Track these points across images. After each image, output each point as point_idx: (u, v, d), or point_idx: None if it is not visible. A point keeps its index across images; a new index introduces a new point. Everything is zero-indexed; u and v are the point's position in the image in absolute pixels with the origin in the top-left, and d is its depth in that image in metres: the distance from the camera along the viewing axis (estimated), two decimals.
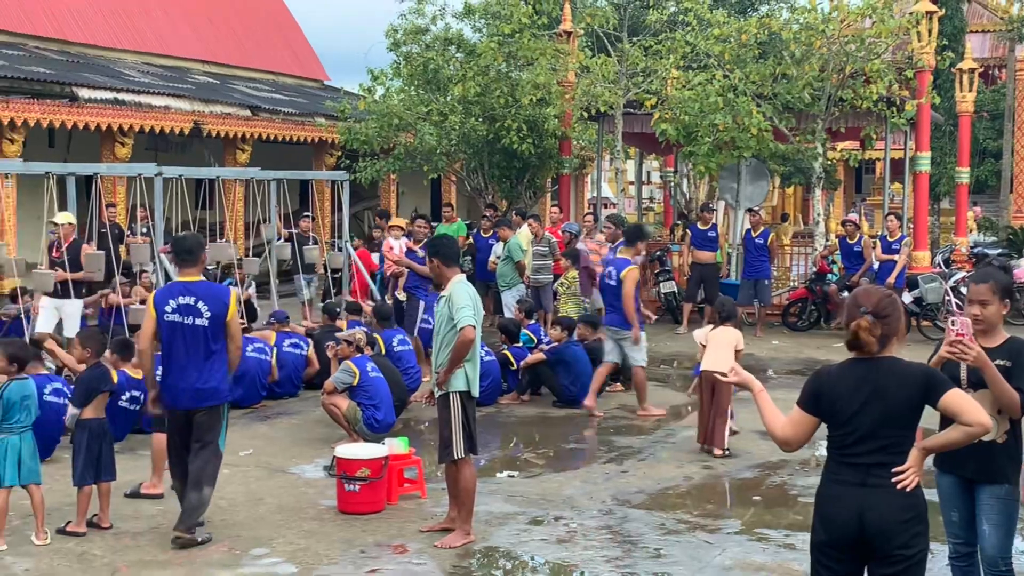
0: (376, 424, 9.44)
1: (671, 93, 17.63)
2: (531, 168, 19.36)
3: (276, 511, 7.70)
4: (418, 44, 19.54)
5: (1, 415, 6.83)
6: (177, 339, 6.94)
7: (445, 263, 7.11)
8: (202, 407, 6.95)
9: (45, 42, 22.11)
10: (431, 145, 18.47)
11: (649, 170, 42.79)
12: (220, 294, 7.10)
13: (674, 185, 25.05)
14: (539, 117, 18.32)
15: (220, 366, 6.99)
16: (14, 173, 14.54)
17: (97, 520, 7.21)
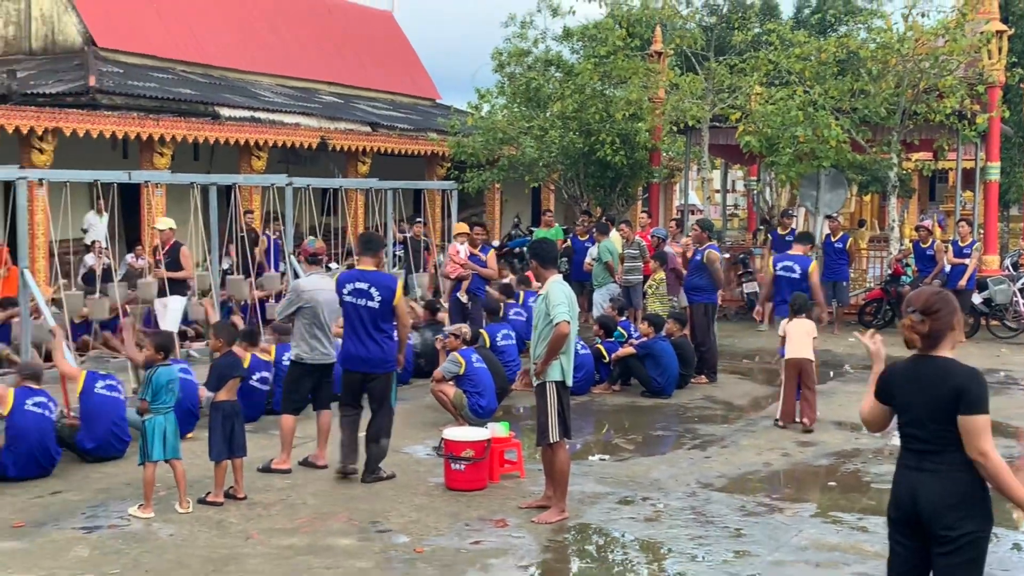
0: (480, 410, 9.50)
1: (754, 108, 17.39)
2: (623, 178, 19.27)
3: (390, 486, 7.78)
4: (521, 65, 19.60)
5: (151, 397, 7.04)
6: (352, 316, 7.71)
7: (543, 264, 7.14)
8: (373, 373, 7.72)
9: (191, 66, 22.72)
10: (532, 157, 18.52)
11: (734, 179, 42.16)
12: (389, 282, 7.76)
13: (757, 193, 24.68)
14: (631, 131, 18.23)
15: (388, 341, 7.73)
16: (164, 183, 15.01)
17: (233, 491, 7.38)
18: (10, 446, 7.72)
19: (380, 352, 7.72)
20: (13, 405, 7.83)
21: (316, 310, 8.10)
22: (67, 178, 10.77)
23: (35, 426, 7.83)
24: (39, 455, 7.84)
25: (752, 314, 14.23)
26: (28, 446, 7.76)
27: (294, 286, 8.39)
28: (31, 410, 7.85)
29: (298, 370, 8.19)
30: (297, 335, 8.17)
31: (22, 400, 7.88)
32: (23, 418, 7.80)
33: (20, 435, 7.75)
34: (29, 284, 9.65)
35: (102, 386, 8.47)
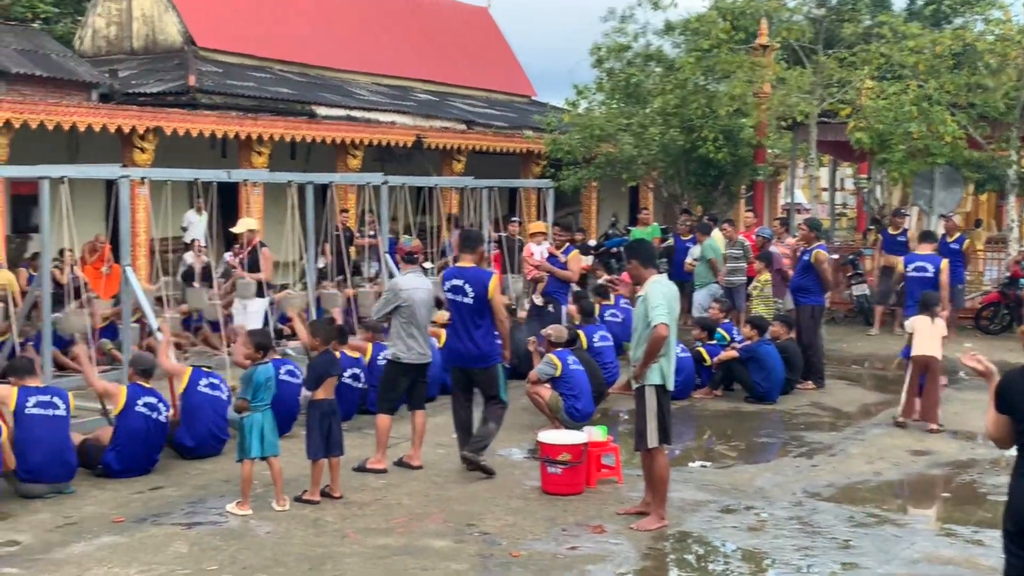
0: (576, 413, 9.49)
1: (865, 103, 17.04)
2: (726, 175, 19.06)
3: (486, 489, 7.84)
4: (620, 60, 19.53)
5: (249, 394, 7.22)
6: (453, 313, 8.10)
7: (643, 264, 7.11)
8: (477, 367, 8.05)
9: (288, 66, 23.20)
10: (631, 154, 18.45)
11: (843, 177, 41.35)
12: (483, 278, 8.01)
13: (867, 191, 24.15)
14: (735, 127, 18.03)
15: (487, 335, 8.03)
16: (262, 182, 15.36)
17: (329, 490, 7.51)
18: (116, 445, 7.97)
19: (479, 347, 8.00)
20: (125, 405, 8.06)
21: (413, 309, 8.21)
22: (168, 177, 11.10)
23: (143, 427, 8.06)
24: (144, 455, 8.09)
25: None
26: (134, 447, 8.00)
27: (391, 285, 8.51)
28: (141, 411, 8.06)
29: (394, 369, 8.31)
30: (394, 334, 8.29)
31: (133, 400, 8.09)
32: (133, 419, 8.03)
33: (129, 436, 7.98)
34: (131, 282, 9.96)
35: (205, 384, 8.68)
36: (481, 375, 8.12)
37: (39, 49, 18.66)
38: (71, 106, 15.29)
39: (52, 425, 7.60)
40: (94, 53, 22.26)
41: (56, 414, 7.66)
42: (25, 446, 7.43)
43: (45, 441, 7.50)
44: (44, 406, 7.63)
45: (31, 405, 7.56)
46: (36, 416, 7.55)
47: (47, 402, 7.67)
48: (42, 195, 9.50)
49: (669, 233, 18.56)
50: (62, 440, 7.64)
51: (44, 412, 7.60)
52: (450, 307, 8.14)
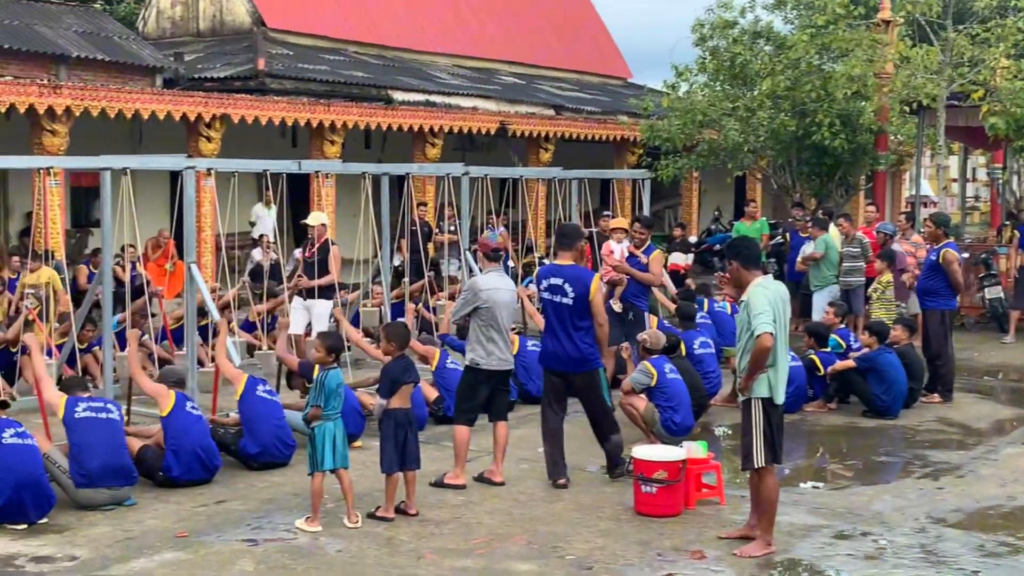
0: (674, 426, 9.43)
1: (1001, 84, 16.62)
2: (843, 165, 18.74)
3: (574, 508, 7.83)
4: (725, 38, 19.32)
5: (321, 402, 7.32)
6: (550, 313, 8.21)
7: (745, 266, 7.00)
8: (574, 372, 8.18)
9: (363, 47, 23.49)
10: (736, 142, 18.25)
11: (974, 166, 40.41)
12: (584, 277, 8.13)
13: (1002, 183, 23.54)
14: (853, 111, 17.73)
15: (587, 338, 8.14)
16: (334, 173, 15.58)
17: (404, 507, 7.58)
18: (172, 448, 8.21)
19: (578, 350, 8.14)
20: (173, 407, 8.30)
21: (494, 311, 8.24)
22: (235, 168, 11.32)
23: (194, 427, 8.31)
24: (203, 455, 8.29)
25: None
26: (191, 447, 8.24)
27: (470, 284, 8.55)
28: (190, 412, 8.37)
29: (473, 376, 8.35)
30: (472, 338, 8.33)
31: (182, 403, 8.38)
32: (183, 421, 8.29)
33: (181, 436, 8.23)
34: (196, 280, 10.18)
35: (263, 390, 8.87)
36: (580, 380, 8.24)
37: (101, 31, 19.19)
38: (134, 92, 15.70)
39: (105, 428, 7.87)
40: (158, 35, 22.83)
41: (110, 417, 7.95)
42: (80, 451, 7.68)
43: (100, 444, 7.76)
44: (96, 410, 7.93)
45: (81, 410, 7.85)
46: (88, 420, 7.82)
47: (99, 407, 7.98)
48: (103, 187, 9.77)
49: (779, 229, 18.34)
50: (117, 443, 7.89)
51: (96, 416, 7.87)
52: (546, 308, 8.27)
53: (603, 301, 9.00)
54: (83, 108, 14.75)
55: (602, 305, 8.30)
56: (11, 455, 7.28)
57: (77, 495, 7.68)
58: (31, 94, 14.20)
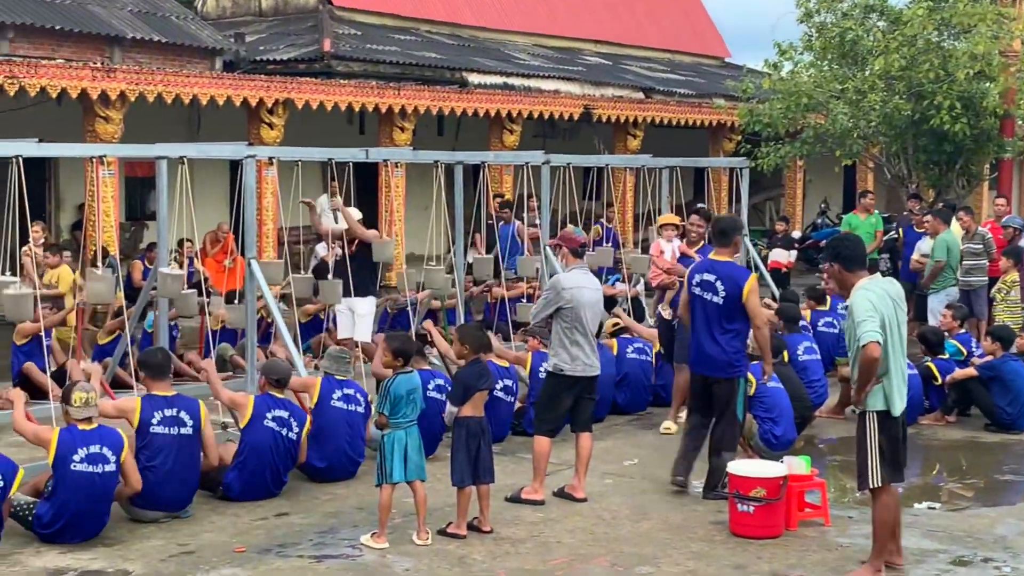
0: (774, 440, 9.35)
1: None
2: (964, 152, 18.41)
3: (662, 528, 7.82)
4: (834, 13, 19.10)
5: (389, 409, 7.38)
6: (698, 311, 8.39)
7: (847, 267, 6.91)
8: (717, 376, 8.31)
9: (437, 26, 23.62)
10: (845, 127, 18.01)
11: None
12: (738, 276, 8.28)
13: None
14: (976, 93, 17.40)
15: (735, 342, 8.32)
16: (404, 162, 15.69)
17: (477, 523, 7.62)
18: (240, 464, 8.25)
19: (723, 354, 8.30)
20: (251, 418, 8.30)
21: (578, 312, 8.24)
22: (299, 156, 11.46)
23: (271, 445, 8.28)
24: (270, 478, 8.34)
25: None
26: (260, 468, 8.24)
27: (552, 283, 8.57)
28: (269, 426, 8.30)
29: (556, 383, 8.36)
30: (555, 341, 8.34)
31: (262, 412, 8.33)
32: (260, 435, 8.27)
33: (253, 453, 8.24)
34: (257, 277, 10.33)
35: (339, 397, 8.88)
36: (719, 386, 8.37)
37: (157, 11, 19.53)
38: (192, 76, 15.95)
39: (178, 447, 7.83)
40: (218, 15, 23.20)
41: (183, 432, 7.85)
42: (146, 470, 7.70)
43: (168, 464, 7.76)
44: (170, 424, 7.81)
45: (156, 422, 7.78)
46: (159, 436, 7.77)
47: (173, 418, 7.84)
48: (159, 177, 9.95)
49: (893, 223, 18.07)
50: (188, 464, 7.89)
51: (169, 431, 7.79)
52: (694, 305, 8.42)
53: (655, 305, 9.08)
54: (138, 93, 15.01)
55: (759, 307, 8.45)
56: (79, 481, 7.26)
57: (130, 510, 7.81)
58: (83, 78, 14.49)
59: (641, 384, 11.33)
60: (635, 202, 20.38)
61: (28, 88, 13.93)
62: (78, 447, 7.28)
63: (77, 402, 7.37)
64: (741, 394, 8.46)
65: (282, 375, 8.60)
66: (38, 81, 13.95)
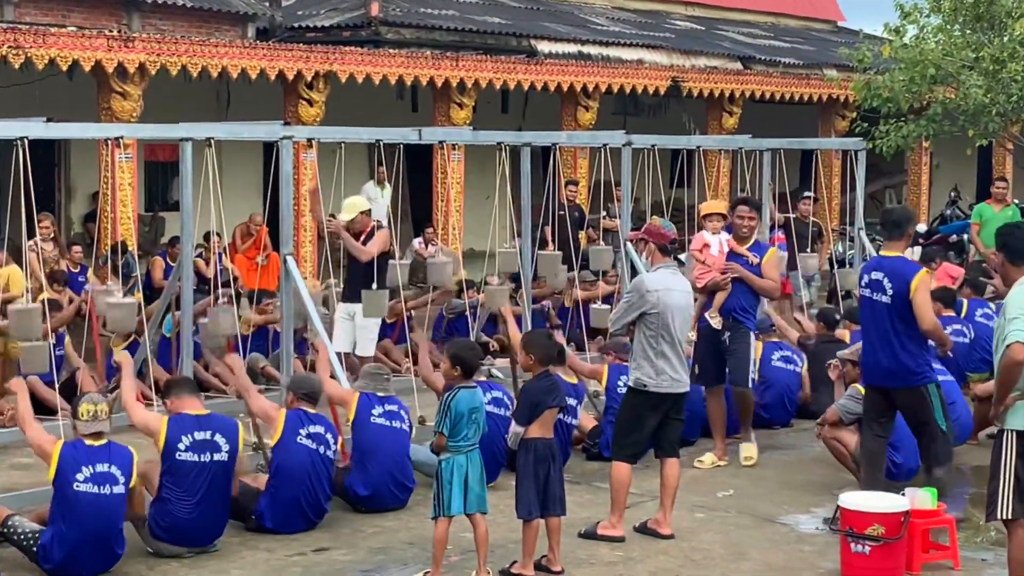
0: (894, 469, 9.26)
1: None
2: None
3: (762, 569, 7.79)
4: None
5: (448, 429, 7.39)
6: (867, 315, 8.58)
7: (1012, 259, 6.89)
8: (898, 386, 8.46)
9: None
10: (979, 102, 17.79)
11: None
12: (904, 271, 8.41)
13: None
14: None
15: (911, 345, 8.41)
16: (463, 144, 15.75)
17: (547, 562, 7.61)
18: (271, 489, 8.29)
19: (897, 360, 8.41)
20: (282, 435, 8.34)
21: (665, 318, 8.21)
22: (342, 137, 11.50)
23: (306, 466, 8.29)
24: (307, 505, 8.36)
25: None
26: (295, 492, 8.28)
27: (634, 285, 8.54)
28: (303, 443, 8.31)
29: (638, 401, 8.34)
30: (638, 352, 8.32)
31: (295, 428, 8.35)
32: (293, 454, 8.29)
33: (286, 475, 8.26)
34: (293, 276, 10.39)
35: (380, 413, 8.90)
36: (903, 397, 8.49)
37: None
38: (221, 45, 16.10)
39: (210, 475, 7.86)
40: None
41: (216, 459, 7.88)
42: (171, 500, 7.79)
43: (196, 495, 7.81)
44: (200, 449, 7.83)
45: (183, 448, 7.81)
46: (187, 464, 7.81)
47: (205, 442, 7.85)
48: (183, 162, 10.04)
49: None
50: (220, 495, 7.96)
51: (199, 458, 7.82)
52: (863, 309, 8.67)
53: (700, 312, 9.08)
54: (159, 65, 15.18)
55: (928, 306, 8.45)
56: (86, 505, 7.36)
57: (151, 544, 7.89)
58: (98, 48, 14.65)
59: (787, 396, 11.53)
60: (730, 190, 20.29)
61: (35, 60, 14.13)
62: (82, 465, 7.35)
63: (84, 415, 7.45)
64: (937, 402, 8.52)
65: (312, 389, 8.67)
66: (46, 51, 14.14)
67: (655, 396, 8.27)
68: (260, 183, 17.25)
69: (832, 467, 9.77)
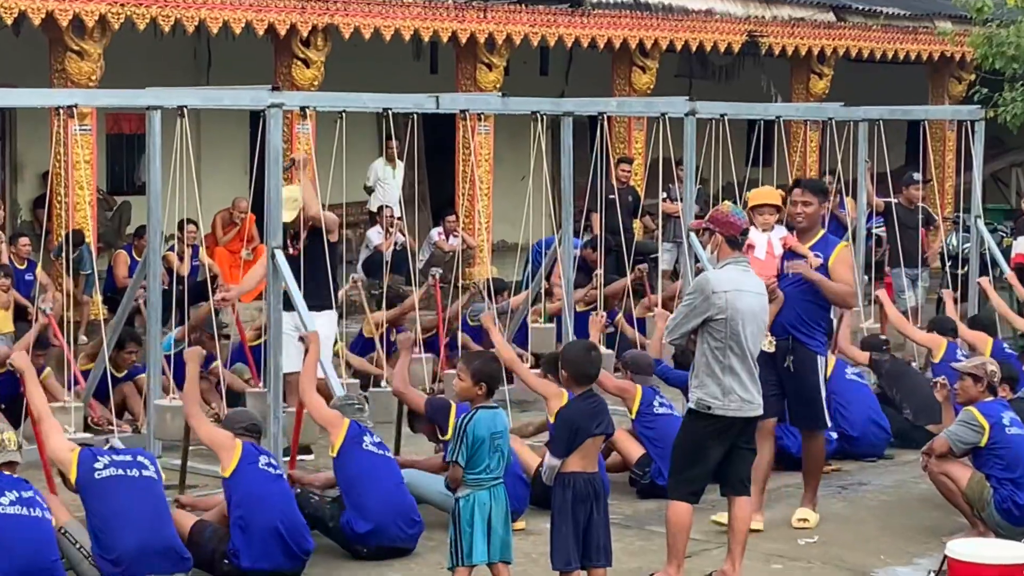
0: (1016, 511, 9.24)
1: None
2: None
3: None
4: None
5: (465, 458, 7.42)
6: None
7: None
8: None
9: None
10: None
11: None
12: None
13: None
14: None
15: None
16: (491, 113, 15.73)
17: None
18: (239, 521, 8.41)
19: None
20: (240, 459, 8.48)
21: (734, 326, 8.18)
22: (344, 105, 11.50)
23: (273, 490, 8.48)
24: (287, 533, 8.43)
25: None
26: (269, 518, 8.39)
27: (697, 285, 8.51)
28: (264, 470, 8.51)
29: (700, 427, 8.32)
30: (700, 367, 8.29)
31: (252, 456, 8.53)
32: (253, 480, 8.46)
33: (254, 502, 8.41)
34: (281, 272, 10.42)
35: (372, 442, 9.03)
36: None
37: None
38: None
39: (141, 492, 8.08)
40: None
41: (144, 475, 8.16)
42: (106, 525, 7.94)
43: (134, 515, 7.98)
44: (123, 466, 8.13)
45: (103, 466, 8.07)
46: (114, 480, 8.04)
47: (126, 461, 8.18)
48: (151, 135, 10.08)
49: None
50: (158, 513, 8.13)
51: (126, 473, 8.09)
52: None
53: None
54: (124, 17, 15.16)
55: None
56: (12, 530, 7.59)
57: None
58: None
59: (874, 420, 11.57)
60: (819, 170, 20.24)
61: None
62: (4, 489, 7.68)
63: None
64: None
65: (249, 422, 8.93)
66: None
67: (721, 421, 8.24)
68: (245, 161, 17.28)
69: (940, 508, 9.76)
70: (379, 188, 17.89)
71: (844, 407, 11.45)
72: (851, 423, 11.53)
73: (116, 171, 19.40)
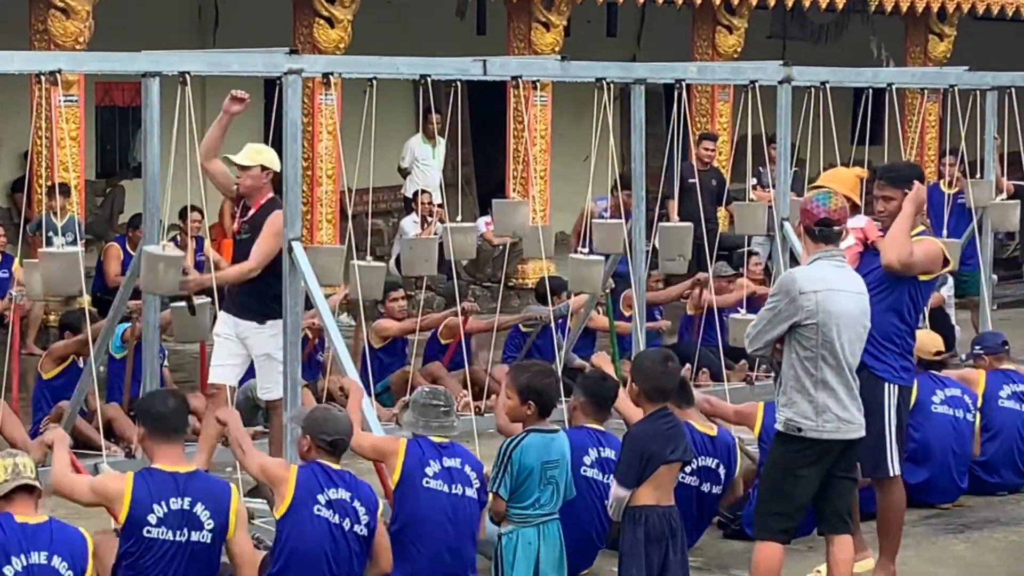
0: None
1: None
2: None
3: None
4: None
5: (509, 489, 7.47)
6: None
7: None
8: None
9: None
10: None
11: None
12: None
13: None
14: None
15: None
16: (549, 80, 15.76)
17: None
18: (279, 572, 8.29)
19: None
20: (293, 501, 8.07)
21: (827, 332, 8.18)
22: (374, 72, 11.54)
23: (324, 547, 8.09)
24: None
25: None
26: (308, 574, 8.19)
27: (782, 284, 8.50)
28: (321, 516, 8.03)
29: (791, 452, 8.34)
30: (789, 382, 8.30)
31: (311, 493, 8.09)
32: (306, 531, 8.09)
33: (297, 560, 8.05)
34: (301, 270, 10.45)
35: (436, 472, 8.68)
36: None
37: None
38: None
39: (185, 560, 7.83)
40: None
41: (195, 539, 7.82)
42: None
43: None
44: (174, 522, 7.77)
45: (154, 521, 7.74)
46: (157, 543, 7.75)
47: (182, 512, 7.78)
48: (148, 107, 10.16)
49: None
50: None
51: (173, 536, 7.77)
52: None
53: None
54: None
55: None
56: None
57: None
58: None
59: (1018, 450, 11.54)
60: (938, 147, 20.17)
61: None
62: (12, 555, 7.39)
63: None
64: None
65: (338, 435, 8.31)
66: None
67: (815, 445, 8.26)
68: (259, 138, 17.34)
69: None
70: (416, 170, 17.91)
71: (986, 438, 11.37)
72: (990, 455, 11.38)
73: (107, 150, 19.49)
